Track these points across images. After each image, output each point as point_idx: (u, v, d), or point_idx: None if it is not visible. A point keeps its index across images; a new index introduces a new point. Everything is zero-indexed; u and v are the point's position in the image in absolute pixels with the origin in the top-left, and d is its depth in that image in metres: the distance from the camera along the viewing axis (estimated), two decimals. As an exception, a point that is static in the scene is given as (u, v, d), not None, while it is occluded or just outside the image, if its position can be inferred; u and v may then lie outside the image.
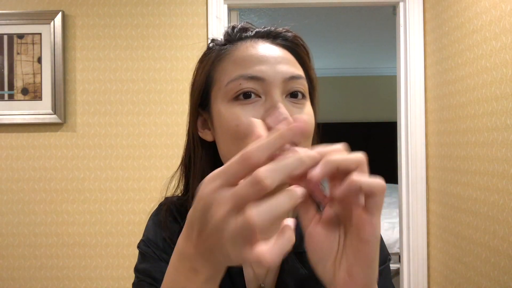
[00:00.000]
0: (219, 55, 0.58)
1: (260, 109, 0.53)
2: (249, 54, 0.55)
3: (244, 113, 0.52)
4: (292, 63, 0.56)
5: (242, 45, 0.57)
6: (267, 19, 3.30)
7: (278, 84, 0.53)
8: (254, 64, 0.54)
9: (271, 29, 0.59)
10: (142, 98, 1.82)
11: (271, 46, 0.57)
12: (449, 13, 1.61)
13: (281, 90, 0.54)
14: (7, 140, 1.81)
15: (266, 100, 0.53)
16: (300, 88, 0.55)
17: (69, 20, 1.82)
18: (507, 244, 1.24)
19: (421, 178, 1.81)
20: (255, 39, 0.58)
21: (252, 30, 0.59)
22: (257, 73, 0.53)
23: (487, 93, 1.34)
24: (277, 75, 0.53)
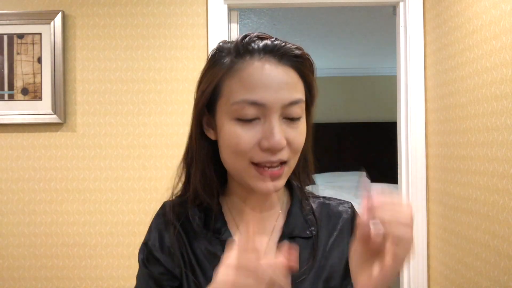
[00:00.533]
0: (229, 69, 0.62)
1: (259, 130, 0.60)
2: (254, 78, 0.60)
3: (244, 133, 0.60)
4: (293, 86, 0.61)
5: (249, 64, 0.61)
6: (267, 19, 3.30)
7: (277, 109, 0.60)
8: (258, 89, 0.59)
9: (280, 45, 0.62)
10: (142, 98, 1.82)
11: (276, 69, 0.61)
12: (449, 13, 1.61)
13: (279, 113, 0.60)
14: (7, 140, 1.81)
15: (264, 122, 0.60)
16: (297, 112, 0.61)
17: (69, 20, 1.82)
18: (507, 244, 1.24)
19: (421, 178, 1.81)
20: (262, 56, 0.61)
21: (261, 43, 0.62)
22: (258, 99, 0.59)
23: (487, 93, 1.34)
24: (277, 101, 0.60)
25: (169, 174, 2.10)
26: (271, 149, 0.59)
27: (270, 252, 0.65)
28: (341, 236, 0.70)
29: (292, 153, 0.62)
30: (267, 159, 0.60)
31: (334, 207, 0.73)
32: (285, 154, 0.61)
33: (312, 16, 3.24)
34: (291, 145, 0.62)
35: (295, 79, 0.62)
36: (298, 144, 0.63)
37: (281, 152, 0.61)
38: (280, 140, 0.59)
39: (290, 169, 0.64)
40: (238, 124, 0.60)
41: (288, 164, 0.63)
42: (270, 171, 0.61)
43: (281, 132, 0.60)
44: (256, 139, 0.60)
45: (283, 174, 0.62)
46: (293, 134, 0.62)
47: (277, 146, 0.59)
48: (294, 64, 0.62)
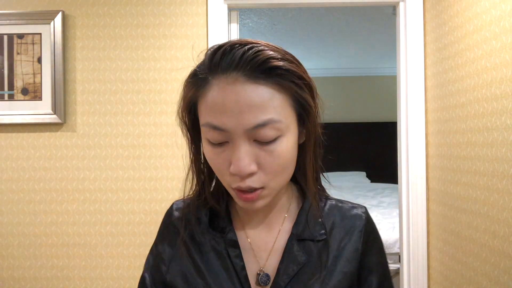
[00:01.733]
0: (199, 88, 0.60)
1: (228, 153, 0.57)
2: (215, 102, 0.56)
3: (216, 157, 0.58)
4: (261, 106, 0.55)
5: (216, 84, 0.57)
6: (267, 19, 3.30)
7: (241, 134, 0.55)
8: (218, 114, 0.56)
9: (249, 58, 0.55)
10: (142, 98, 1.82)
11: (242, 88, 0.54)
12: (449, 13, 1.61)
13: (247, 137, 0.56)
14: (7, 140, 1.81)
15: (232, 145, 0.57)
16: (268, 135, 0.55)
17: (69, 20, 1.82)
18: (507, 244, 1.24)
19: (421, 178, 1.81)
20: (231, 73, 0.55)
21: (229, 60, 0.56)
22: (220, 125, 0.56)
23: (487, 93, 1.34)
24: (239, 127, 0.55)
25: (169, 174, 2.10)
26: (238, 175, 0.57)
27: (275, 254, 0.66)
28: (352, 242, 0.68)
29: (267, 177, 0.58)
30: (237, 185, 0.58)
31: (347, 210, 0.71)
32: (256, 181, 0.57)
33: (312, 16, 3.24)
34: (265, 169, 0.57)
35: (267, 97, 0.55)
36: (274, 167, 0.58)
37: (252, 178, 0.57)
38: (245, 167, 0.55)
39: (273, 190, 0.61)
40: (210, 146, 0.59)
41: (266, 188, 0.59)
42: (244, 195, 0.59)
43: (248, 157, 0.56)
44: (227, 162, 0.57)
45: (259, 196, 0.59)
46: (266, 158, 0.57)
47: (242, 172, 0.56)
48: (268, 78, 0.55)
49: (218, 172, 0.60)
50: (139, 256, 1.81)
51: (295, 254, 0.65)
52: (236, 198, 0.61)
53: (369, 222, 0.70)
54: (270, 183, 0.59)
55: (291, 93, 0.58)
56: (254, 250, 0.67)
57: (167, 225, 0.72)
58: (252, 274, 0.65)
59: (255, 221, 0.69)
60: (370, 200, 3.87)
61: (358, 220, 0.70)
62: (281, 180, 0.61)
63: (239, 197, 0.60)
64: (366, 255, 0.68)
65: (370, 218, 0.71)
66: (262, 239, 0.67)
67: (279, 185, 0.61)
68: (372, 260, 0.68)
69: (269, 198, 0.61)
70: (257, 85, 0.55)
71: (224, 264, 0.65)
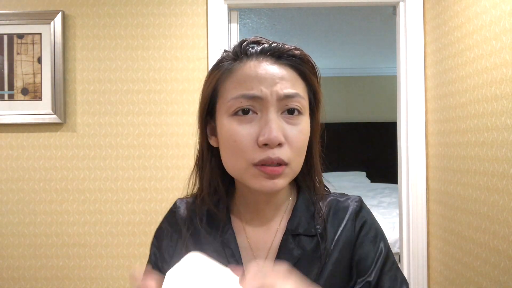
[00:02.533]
0: (225, 72, 0.64)
1: (256, 126, 0.60)
2: (250, 75, 0.61)
3: (241, 129, 0.60)
4: (290, 81, 0.61)
5: (246, 64, 0.62)
6: (267, 19, 3.30)
7: (273, 102, 0.60)
8: (253, 84, 0.60)
9: (277, 46, 0.63)
10: (142, 98, 1.82)
11: (272, 66, 0.61)
12: (449, 13, 1.61)
13: (276, 108, 0.60)
14: (7, 140, 1.81)
15: (261, 117, 0.60)
16: (294, 105, 0.61)
17: (69, 20, 1.82)
18: (507, 244, 1.24)
19: (421, 178, 1.81)
20: (260, 57, 0.62)
21: (258, 47, 0.63)
22: (254, 92, 0.59)
23: (487, 93, 1.34)
24: (272, 94, 0.59)
25: (169, 174, 2.10)
26: (268, 144, 0.58)
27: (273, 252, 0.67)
28: (345, 231, 0.68)
29: (292, 152, 0.60)
30: (266, 156, 0.58)
31: (341, 202, 0.71)
32: (284, 153, 0.59)
33: (312, 16, 3.24)
34: (291, 143, 0.60)
35: (293, 76, 0.62)
36: (298, 143, 0.61)
37: (280, 149, 0.59)
38: (277, 134, 0.58)
39: (293, 171, 0.62)
40: (235, 120, 0.61)
41: (289, 166, 0.60)
42: (270, 168, 0.59)
43: (279, 127, 0.59)
44: (253, 135, 0.59)
45: (282, 173, 0.60)
46: (292, 132, 0.60)
47: (274, 140, 0.57)
48: (292, 63, 0.63)
49: (240, 148, 0.60)
50: (139, 256, 1.81)
51: (290, 249, 0.65)
52: (255, 178, 0.60)
53: (361, 211, 0.70)
54: (293, 161, 0.61)
55: (307, 81, 0.64)
56: (253, 249, 0.67)
57: (169, 222, 0.73)
58: None
59: (254, 220, 0.69)
60: (370, 200, 3.88)
61: (350, 210, 0.70)
62: (300, 163, 0.62)
63: (263, 172, 0.59)
64: (360, 245, 0.67)
65: (363, 207, 0.71)
66: (261, 238, 0.68)
67: (298, 167, 0.63)
68: (367, 249, 0.67)
69: (288, 179, 0.62)
70: (285, 66, 0.62)
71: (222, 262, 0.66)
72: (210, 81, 0.66)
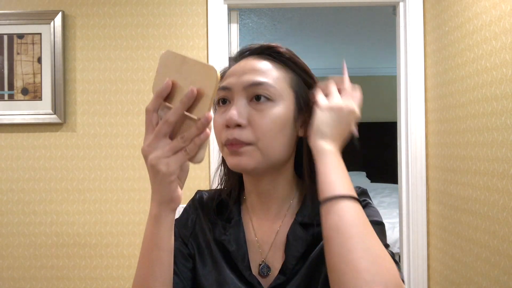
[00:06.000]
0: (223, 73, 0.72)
1: (226, 112, 0.66)
2: (230, 71, 0.69)
3: (217, 116, 0.68)
4: (261, 72, 0.67)
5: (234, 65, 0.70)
6: (267, 19, 3.30)
7: (239, 91, 0.66)
8: (228, 77, 0.68)
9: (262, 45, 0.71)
10: (142, 98, 1.82)
11: (252, 61, 0.68)
12: (449, 13, 1.61)
13: (244, 96, 0.66)
14: (7, 140, 1.81)
15: (231, 104, 0.67)
16: (260, 92, 0.65)
17: (69, 20, 1.82)
18: (507, 244, 1.24)
19: (421, 178, 1.81)
20: (247, 57, 0.70)
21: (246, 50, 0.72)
22: (226, 84, 0.67)
23: (487, 93, 1.34)
24: (239, 84, 0.66)
25: (169, 174, 2.05)
26: (228, 125, 0.64)
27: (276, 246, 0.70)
28: None
29: (256, 134, 0.64)
30: (226, 136, 0.65)
31: None
32: (244, 134, 0.64)
33: (312, 16, 3.24)
34: (253, 126, 0.64)
35: (268, 68, 0.67)
36: (261, 126, 0.64)
37: (240, 130, 0.64)
38: (233, 116, 0.63)
39: (262, 152, 0.65)
40: (217, 110, 0.69)
41: (255, 146, 0.64)
42: (231, 147, 0.65)
43: (239, 110, 0.65)
44: (224, 120, 0.65)
45: (245, 152, 0.64)
46: (256, 116, 0.64)
47: (229, 121, 0.63)
48: (272, 58, 0.69)
49: (217, 132, 0.67)
50: (139, 256, 1.81)
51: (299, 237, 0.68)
52: (227, 156, 0.67)
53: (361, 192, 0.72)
54: (259, 142, 0.64)
55: (291, 73, 0.69)
56: (259, 242, 0.71)
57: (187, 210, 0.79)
58: (254, 265, 0.70)
59: (260, 214, 0.73)
60: (370, 200, 3.87)
61: None
62: (270, 145, 0.65)
63: (228, 150, 0.65)
64: None
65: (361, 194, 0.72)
66: (265, 231, 0.72)
67: (268, 150, 0.65)
68: None
69: (255, 159, 0.65)
70: (263, 60, 0.69)
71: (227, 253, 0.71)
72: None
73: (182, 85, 0.53)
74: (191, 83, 0.52)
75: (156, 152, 0.53)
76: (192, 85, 0.52)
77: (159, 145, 0.53)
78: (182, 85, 0.53)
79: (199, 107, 0.52)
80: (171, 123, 0.52)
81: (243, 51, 0.72)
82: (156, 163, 0.53)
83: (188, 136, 0.52)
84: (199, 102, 0.52)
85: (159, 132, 0.53)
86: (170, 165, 0.53)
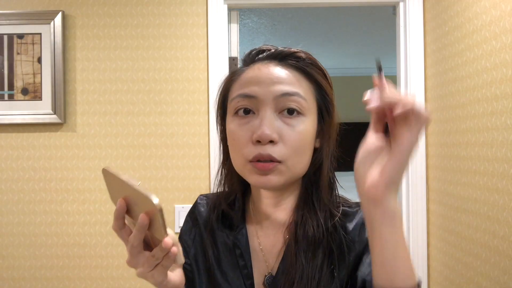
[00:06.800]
0: (233, 76, 0.68)
1: (252, 125, 0.62)
2: (251, 77, 0.64)
3: (239, 128, 0.63)
4: (290, 82, 0.62)
5: (250, 68, 0.65)
6: (267, 19, 3.30)
7: (269, 102, 0.61)
8: (251, 84, 0.63)
9: (282, 50, 0.65)
10: (142, 98, 1.82)
11: (275, 68, 0.63)
12: (449, 13, 1.61)
13: (273, 107, 0.61)
14: (7, 140, 1.81)
15: (258, 116, 0.62)
16: (292, 105, 0.61)
17: (69, 20, 1.82)
18: (507, 244, 1.24)
19: (421, 178, 1.81)
20: (265, 61, 0.65)
21: (264, 52, 0.66)
22: (250, 92, 0.62)
23: (487, 93, 1.34)
24: (268, 94, 0.61)
25: (169, 174, 2.09)
26: (259, 140, 0.60)
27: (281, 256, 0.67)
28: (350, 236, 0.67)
29: (287, 151, 0.60)
30: (257, 153, 0.60)
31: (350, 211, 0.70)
32: (276, 151, 0.60)
33: (312, 16, 3.24)
34: (285, 142, 0.60)
35: (296, 77, 0.63)
36: (294, 142, 0.61)
37: (272, 147, 0.60)
38: (267, 132, 0.59)
39: (290, 170, 0.62)
40: (236, 119, 0.64)
41: (284, 164, 0.61)
42: (261, 164, 0.60)
43: (271, 124, 0.60)
44: (250, 133, 0.61)
45: (275, 170, 0.61)
46: (288, 131, 0.61)
47: (264, 136, 0.59)
48: (297, 65, 0.64)
49: (238, 145, 0.62)
50: (139, 256, 1.81)
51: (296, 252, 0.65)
52: (251, 174, 0.62)
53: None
54: (288, 160, 0.61)
55: (314, 83, 0.65)
56: (264, 252, 0.69)
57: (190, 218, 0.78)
58: (260, 275, 0.67)
59: (265, 224, 0.70)
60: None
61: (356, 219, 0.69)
62: (298, 162, 0.62)
63: (256, 168, 0.61)
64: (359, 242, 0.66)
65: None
66: (270, 241, 0.69)
67: (295, 167, 0.62)
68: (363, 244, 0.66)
69: (283, 177, 0.62)
70: (287, 67, 0.64)
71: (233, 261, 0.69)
72: (222, 86, 0.70)
73: (135, 199, 0.52)
74: (140, 206, 0.51)
75: (139, 268, 0.55)
76: (141, 208, 0.51)
77: (139, 261, 0.54)
78: (135, 199, 0.52)
79: (155, 227, 0.51)
80: (137, 246, 0.53)
81: (258, 53, 0.67)
82: (144, 277, 0.56)
83: (158, 256, 0.53)
84: (153, 223, 0.51)
85: (132, 251, 0.54)
86: (156, 277, 0.55)
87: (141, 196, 0.50)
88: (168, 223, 2.01)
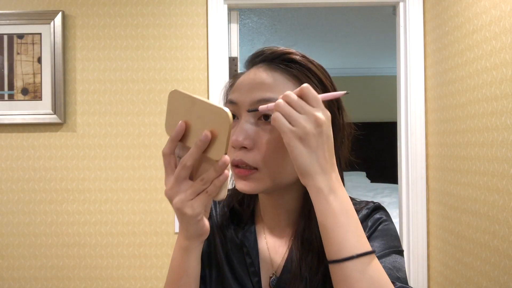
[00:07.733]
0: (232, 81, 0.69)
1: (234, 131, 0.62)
2: (239, 82, 0.65)
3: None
4: (271, 87, 0.61)
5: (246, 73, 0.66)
6: (267, 19, 3.30)
7: (246, 108, 0.61)
8: (236, 91, 0.64)
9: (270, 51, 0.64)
10: (142, 98, 1.82)
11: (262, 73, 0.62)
12: (449, 13, 1.61)
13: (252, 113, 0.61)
14: (7, 140, 1.81)
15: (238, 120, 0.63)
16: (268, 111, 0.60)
17: (69, 20, 1.82)
18: (507, 244, 1.24)
19: (421, 178, 1.81)
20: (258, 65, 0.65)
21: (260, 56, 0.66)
22: (233, 98, 0.64)
23: (487, 93, 1.34)
24: (246, 100, 0.61)
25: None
26: (234, 146, 0.60)
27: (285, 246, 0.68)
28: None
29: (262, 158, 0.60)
30: (232, 157, 0.61)
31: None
32: (250, 157, 0.60)
33: (312, 16, 3.24)
34: (259, 148, 0.60)
35: (280, 81, 0.61)
36: (268, 149, 0.60)
37: (246, 153, 0.60)
38: (238, 137, 0.59)
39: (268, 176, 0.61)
40: None
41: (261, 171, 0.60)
42: (237, 169, 0.61)
43: (245, 131, 0.60)
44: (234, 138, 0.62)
45: (251, 177, 0.60)
46: (263, 137, 0.60)
47: (234, 143, 0.60)
48: (286, 68, 0.63)
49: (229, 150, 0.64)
50: (139, 256, 1.81)
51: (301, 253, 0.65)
52: (234, 178, 0.64)
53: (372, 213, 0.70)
54: (265, 167, 0.60)
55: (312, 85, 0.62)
56: (270, 252, 0.69)
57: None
58: (266, 275, 0.67)
59: (272, 223, 0.71)
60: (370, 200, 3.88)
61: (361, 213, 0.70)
62: (279, 169, 0.61)
63: (235, 173, 0.62)
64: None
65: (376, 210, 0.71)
66: (276, 242, 0.69)
67: (276, 174, 0.61)
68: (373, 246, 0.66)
69: (262, 184, 0.61)
70: (274, 71, 0.63)
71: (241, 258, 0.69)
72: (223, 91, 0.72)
73: (195, 124, 0.53)
74: (204, 125, 0.51)
75: (179, 195, 0.53)
76: (205, 126, 0.51)
77: (181, 188, 0.53)
78: (195, 124, 0.53)
79: (214, 148, 0.51)
80: (188, 167, 0.53)
81: (255, 56, 0.67)
82: (181, 207, 0.53)
83: (208, 179, 0.52)
84: (214, 143, 0.51)
85: (179, 176, 0.53)
86: (195, 208, 0.53)
87: (211, 110, 0.50)
88: (169, 223, 2.00)
